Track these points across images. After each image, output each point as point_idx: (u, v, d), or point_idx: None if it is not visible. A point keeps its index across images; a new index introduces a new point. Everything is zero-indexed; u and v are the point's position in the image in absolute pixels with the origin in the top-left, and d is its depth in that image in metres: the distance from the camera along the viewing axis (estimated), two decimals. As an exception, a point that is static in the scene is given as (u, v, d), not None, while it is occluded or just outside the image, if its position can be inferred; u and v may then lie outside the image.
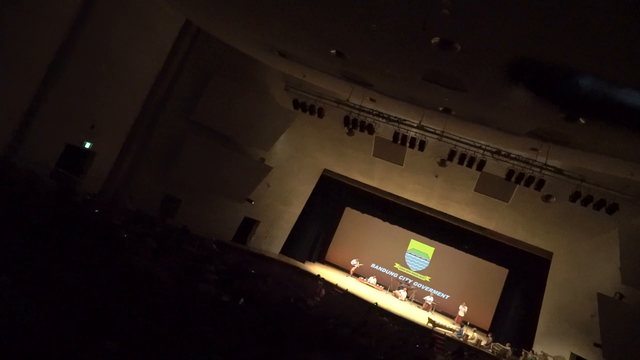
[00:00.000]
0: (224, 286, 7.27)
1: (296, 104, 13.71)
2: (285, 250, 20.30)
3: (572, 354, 15.61)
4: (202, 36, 13.38)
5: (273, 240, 19.66)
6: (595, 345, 13.84)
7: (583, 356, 15.13)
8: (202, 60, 13.89)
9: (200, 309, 4.82)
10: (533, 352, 16.67)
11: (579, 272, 16.01)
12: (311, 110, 13.55)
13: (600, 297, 13.30)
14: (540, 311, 17.46)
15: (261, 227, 18.84)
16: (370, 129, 13.17)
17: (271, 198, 18.54)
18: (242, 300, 6.68)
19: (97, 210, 9.34)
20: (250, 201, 17.17)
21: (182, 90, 14.01)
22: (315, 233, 21.26)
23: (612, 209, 11.22)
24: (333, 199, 21.37)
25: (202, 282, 6.41)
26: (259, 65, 13.99)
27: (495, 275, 20.86)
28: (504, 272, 20.56)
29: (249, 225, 18.43)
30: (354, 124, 13.11)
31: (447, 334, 16.88)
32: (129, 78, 12.46)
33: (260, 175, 16.43)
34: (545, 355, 16.09)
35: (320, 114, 13.55)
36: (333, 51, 8.99)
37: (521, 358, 16.55)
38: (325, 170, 20.16)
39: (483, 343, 17.41)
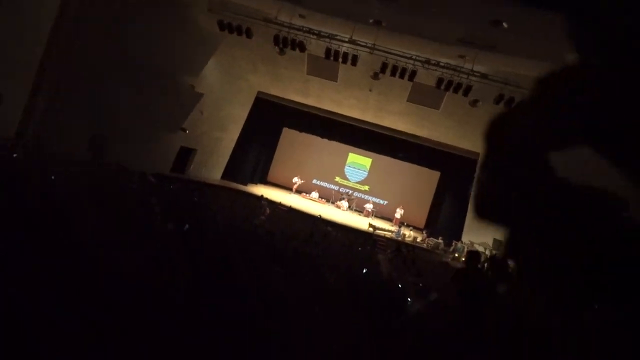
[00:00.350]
0: (167, 216, 7.30)
1: (222, 25, 12.90)
2: (226, 175, 20.03)
3: (494, 239, 17.50)
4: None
5: (213, 166, 19.44)
6: None
7: (502, 239, 17.04)
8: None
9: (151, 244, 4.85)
10: (462, 242, 18.56)
11: None
12: (238, 30, 12.83)
13: None
14: (467, 207, 19.12)
15: (199, 156, 18.58)
16: (301, 47, 12.83)
17: (206, 125, 18.06)
18: (186, 226, 6.81)
19: (15, 155, 8.59)
20: (185, 130, 16.60)
21: (95, 22, 12.61)
22: (255, 155, 21.11)
23: (531, 109, 12.03)
24: (270, 121, 21.22)
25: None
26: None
27: (428, 178, 22.31)
28: (436, 175, 22.04)
29: (186, 155, 18.28)
30: (285, 43, 12.67)
31: (386, 236, 18.14)
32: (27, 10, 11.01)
33: (192, 102, 15.77)
34: (472, 244, 17.86)
35: (249, 34, 12.89)
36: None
37: (451, 248, 18.36)
38: (259, 92, 19.67)
39: (419, 240, 18.97)
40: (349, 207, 22.15)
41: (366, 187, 23.54)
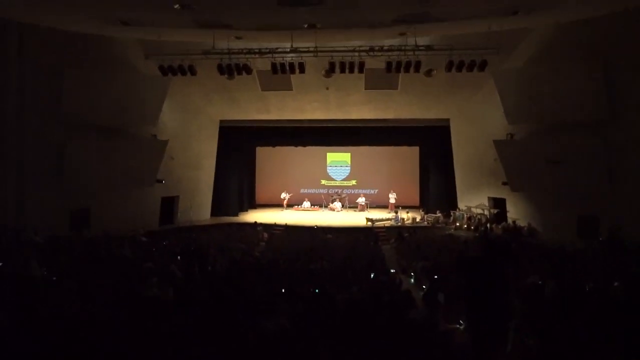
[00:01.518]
0: (166, 278, 7.10)
1: (163, 70, 12.72)
2: (215, 211, 20.06)
3: (488, 198, 17.55)
4: (28, 30, 11.66)
5: (199, 207, 19.39)
6: (503, 183, 15.64)
7: (497, 196, 17.05)
8: (44, 56, 12.26)
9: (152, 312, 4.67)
10: (459, 209, 18.53)
11: (474, 127, 17.46)
12: (181, 70, 12.66)
13: (496, 142, 14.74)
14: (454, 172, 19.19)
15: (183, 201, 18.48)
16: (247, 69, 12.70)
17: (180, 169, 17.87)
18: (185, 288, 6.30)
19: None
20: (161, 181, 16.41)
21: (35, 94, 12.44)
22: (237, 183, 21.04)
23: (483, 65, 12.07)
24: (241, 145, 21.13)
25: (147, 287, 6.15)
26: (108, 42, 12.64)
27: (409, 155, 22.30)
28: (416, 150, 22.01)
29: (170, 204, 17.97)
30: (230, 69, 12.54)
31: (386, 225, 18.03)
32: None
33: (159, 152, 15.57)
34: (469, 208, 17.91)
35: (192, 71, 12.73)
36: (177, 6, 8.30)
37: (451, 218, 18.34)
38: (222, 121, 19.48)
39: (418, 219, 18.94)
40: (343, 206, 22.06)
41: (353, 182, 23.44)
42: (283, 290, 6.49)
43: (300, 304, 5.31)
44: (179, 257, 9.80)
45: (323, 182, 23.56)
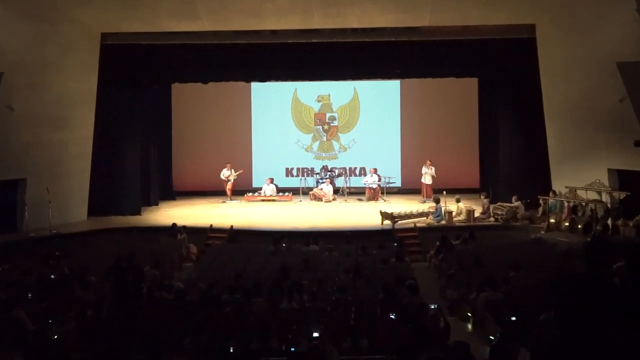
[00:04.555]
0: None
1: None
2: (98, 207, 20.06)
3: (609, 172, 17.23)
4: None
5: (67, 200, 19.26)
6: (636, 143, 15.02)
7: (625, 167, 16.80)
8: None
9: None
10: (553, 193, 18.11)
11: (581, 41, 16.99)
12: None
13: (623, 67, 14.38)
14: (544, 127, 18.61)
15: (33, 188, 18.17)
16: None
17: (29, 129, 17.54)
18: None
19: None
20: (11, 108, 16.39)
21: None
22: (138, 154, 21.07)
23: None
24: (143, 82, 20.78)
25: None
26: None
27: (459, 95, 22.33)
28: (471, 85, 21.80)
29: (9, 194, 17.84)
30: None
31: (418, 224, 17.95)
32: None
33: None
34: (572, 191, 17.52)
35: None
36: None
37: (539, 210, 18.01)
38: (106, 36, 18.89)
39: (478, 213, 18.55)
40: (337, 192, 22.38)
41: (346, 148, 23.44)
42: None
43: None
44: (29, 295, 10.40)
45: (303, 148, 24.19)
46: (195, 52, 20.34)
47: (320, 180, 22.53)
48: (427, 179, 21.33)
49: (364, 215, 19.29)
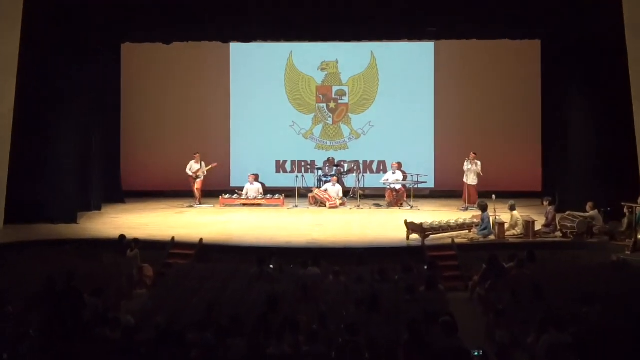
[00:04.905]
0: None
1: None
2: (19, 211, 20.07)
3: None
4: None
5: None
6: None
7: None
8: None
9: None
10: None
11: None
12: None
13: None
14: (632, 111, 18.45)
15: None
16: None
17: None
18: None
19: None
20: None
21: None
22: (74, 143, 21.21)
23: None
24: (81, 40, 20.74)
25: None
26: None
27: (515, 66, 22.44)
28: (532, 50, 21.88)
29: None
30: None
31: (457, 240, 17.79)
32: None
33: None
34: None
35: None
36: None
37: (625, 221, 17.64)
38: None
39: (539, 226, 18.23)
40: (346, 194, 22.26)
41: (359, 131, 23.53)
42: None
43: None
44: None
45: (301, 133, 24.41)
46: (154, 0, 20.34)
47: (324, 179, 22.35)
48: (470, 178, 21.05)
49: (382, 226, 19.17)
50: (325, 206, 21.62)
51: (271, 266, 15.50)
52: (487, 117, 23.20)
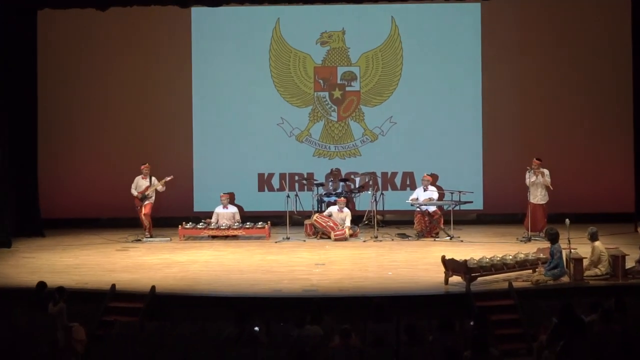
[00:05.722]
0: None
1: None
2: None
3: None
4: None
5: None
6: None
7: None
8: None
9: None
10: None
11: None
12: None
13: None
14: None
15: None
16: None
17: None
18: None
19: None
20: None
21: None
22: None
23: None
24: None
25: None
26: None
27: (594, 32, 22.46)
28: (619, 13, 21.95)
29: None
30: None
31: (516, 283, 17.34)
32: None
33: None
34: None
35: None
36: None
37: None
38: None
39: (633, 262, 18.09)
40: (358, 220, 22.24)
41: (376, 131, 23.47)
42: None
43: None
44: None
45: (288, 135, 24.65)
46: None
47: (327, 199, 22.30)
48: (536, 196, 20.81)
49: (410, 265, 19.30)
50: (330, 238, 21.35)
51: (255, 327, 15.52)
52: (556, 110, 23.07)
